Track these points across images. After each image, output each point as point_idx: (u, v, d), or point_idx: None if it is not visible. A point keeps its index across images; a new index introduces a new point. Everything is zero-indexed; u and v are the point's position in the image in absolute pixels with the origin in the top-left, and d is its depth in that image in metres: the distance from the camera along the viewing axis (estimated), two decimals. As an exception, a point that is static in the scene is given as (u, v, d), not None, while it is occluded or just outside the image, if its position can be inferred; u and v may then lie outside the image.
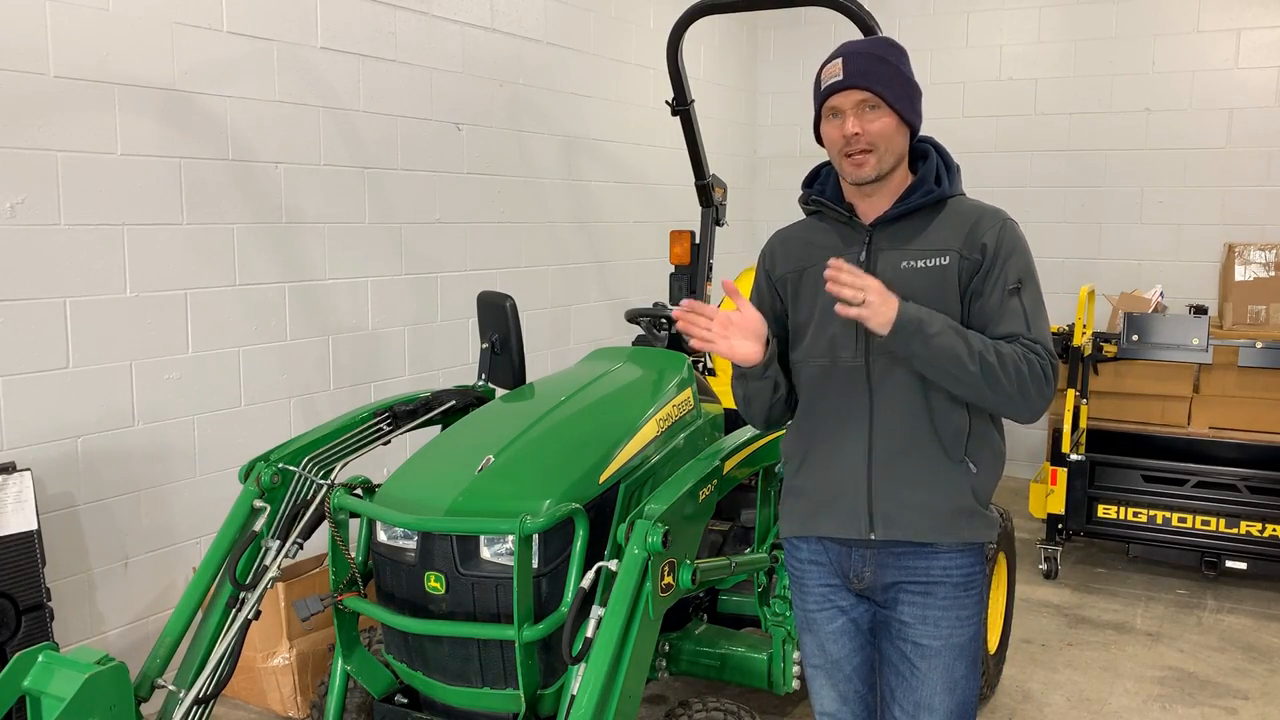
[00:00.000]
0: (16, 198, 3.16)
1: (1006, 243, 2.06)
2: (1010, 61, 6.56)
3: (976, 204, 2.14)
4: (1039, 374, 1.99)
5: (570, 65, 5.47)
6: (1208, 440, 4.93)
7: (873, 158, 2.04)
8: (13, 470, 3.04)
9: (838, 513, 2.13)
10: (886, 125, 2.04)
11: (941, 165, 2.15)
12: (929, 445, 2.08)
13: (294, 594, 3.49)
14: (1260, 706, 3.73)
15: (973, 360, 1.95)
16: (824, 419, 2.16)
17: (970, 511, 2.10)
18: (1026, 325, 2.02)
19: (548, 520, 2.33)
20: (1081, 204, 6.37)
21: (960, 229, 2.07)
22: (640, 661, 2.34)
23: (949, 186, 2.12)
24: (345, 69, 4.18)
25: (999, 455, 2.17)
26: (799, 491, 2.23)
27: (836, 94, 2.05)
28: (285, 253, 4.00)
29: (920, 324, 1.93)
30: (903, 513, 2.08)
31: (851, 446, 2.11)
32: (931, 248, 2.07)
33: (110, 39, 3.35)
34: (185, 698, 2.54)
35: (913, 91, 2.11)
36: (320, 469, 2.89)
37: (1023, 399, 1.99)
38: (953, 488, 2.08)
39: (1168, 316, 4.95)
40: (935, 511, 2.07)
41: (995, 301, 2.03)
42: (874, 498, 2.09)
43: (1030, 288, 2.06)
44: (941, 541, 2.09)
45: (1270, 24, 5.92)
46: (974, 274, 2.05)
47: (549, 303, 5.46)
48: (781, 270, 2.24)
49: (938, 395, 2.06)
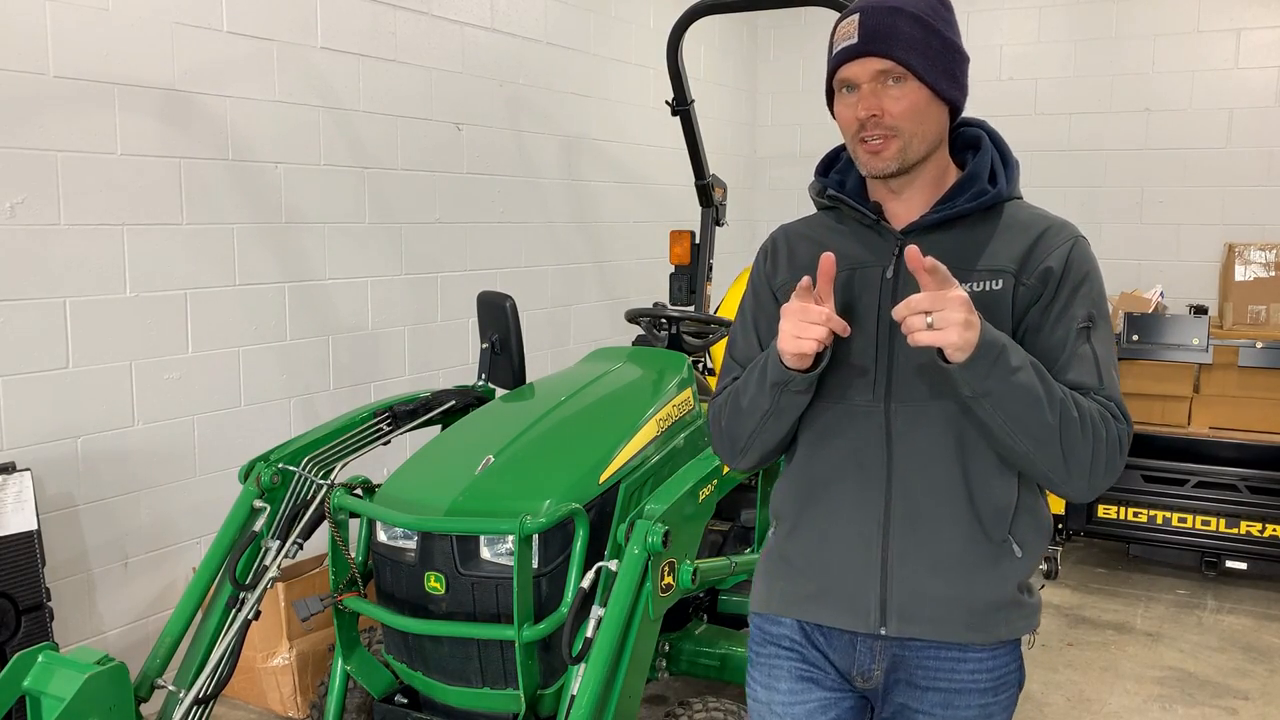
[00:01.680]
0: (16, 198, 3.16)
1: (1076, 267, 1.60)
2: (1010, 61, 6.56)
3: (1039, 213, 1.68)
4: (1115, 442, 1.55)
5: (570, 65, 5.46)
6: (1208, 440, 4.92)
7: (894, 144, 1.59)
8: (13, 470, 3.04)
9: (839, 598, 1.69)
10: (914, 102, 1.58)
11: (998, 158, 1.70)
12: (963, 520, 1.62)
13: (294, 594, 3.48)
14: (1260, 707, 3.73)
15: (1052, 410, 1.48)
16: (828, 476, 1.70)
17: (1011, 604, 1.65)
18: (1099, 378, 1.56)
19: (548, 520, 2.33)
20: (1081, 204, 6.37)
21: (1019, 245, 1.62)
22: (640, 661, 2.34)
23: (1005, 187, 1.66)
24: (345, 69, 4.18)
25: (1046, 533, 1.71)
26: (788, 561, 1.76)
27: (850, 62, 1.59)
28: (285, 253, 4.00)
29: (1003, 351, 1.46)
30: (925, 606, 1.64)
31: (862, 515, 1.66)
32: (981, 266, 1.61)
33: (110, 39, 3.35)
34: (185, 698, 2.54)
35: (954, 58, 1.62)
36: (320, 469, 2.89)
37: (1091, 471, 1.54)
38: (991, 576, 1.63)
39: (1168, 316, 4.95)
40: (968, 606, 1.63)
41: (1058, 341, 1.58)
42: (889, 584, 1.65)
43: (1103, 329, 1.60)
44: (974, 642, 1.65)
45: (1270, 24, 5.92)
46: (1031, 304, 1.60)
47: (549, 303, 5.46)
48: (785, 276, 1.76)
49: (978, 457, 1.61)
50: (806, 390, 1.61)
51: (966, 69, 1.66)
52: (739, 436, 1.73)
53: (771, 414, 1.65)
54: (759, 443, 1.71)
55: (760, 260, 1.84)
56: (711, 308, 4.77)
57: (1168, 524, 4.78)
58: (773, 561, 1.81)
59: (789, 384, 1.59)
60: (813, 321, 1.51)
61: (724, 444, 1.78)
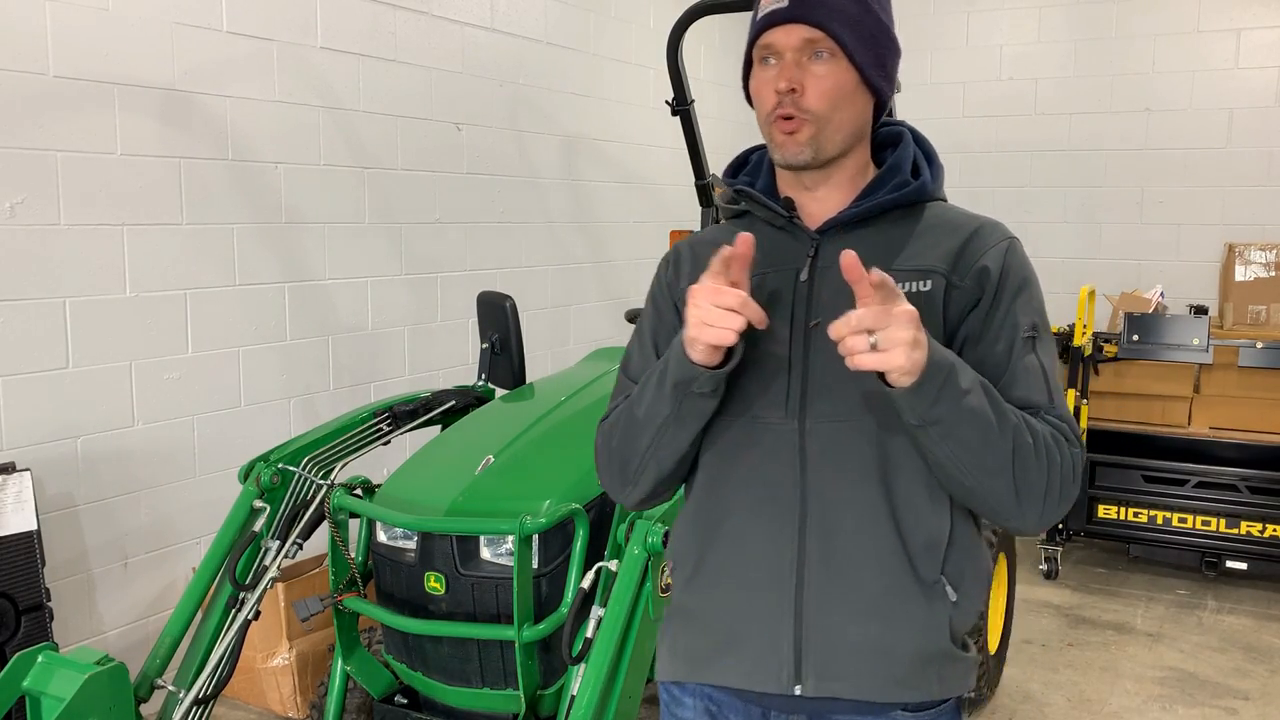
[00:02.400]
0: (16, 198, 3.16)
1: (1016, 271, 1.44)
2: (1010, 61, 6.56)
3: (967, 213, 1.52)
4: (1069, 469, 1.37)
5: (570, 65, 5.46)
6: (1208, 440, 4.92)
7: (807, 129, 1.40)
8: (13, 470, 3.04)
9: (746, 653, 1.44)
10: (839, 84, 1.40)
11: (920, 155, 1.54)
12: (890, 557, 1.40)
13: (294, 594, 3.48)
14: (1260, 707, 3.73)
15: (1004, 436, 1.31)
16: (733, 507, 1.46)
17: (944, 656, 1.44)
18: (1049, 395, 1.40)
19: (548, 520, 2.33)
20: (1081, 204, 6.36)
21: (949, 243, 1.44)
22: (640, 661, 2.34)
23: (930, 184, 1.50)
24: (345, 69, 4.18)
25: (985, 575, 1.50)
26: (688, 615, 1.51)
27: (775, 27, 1.40)
28: (285, 253, 4.00)
29: (952, 373, 1.27)
30: (847, 658, 1.41)
31: (772, 553, 1.42)
32: (908, 267, 1.43)
33: (110, 39, 3.35)
34: (185, 698, 2.54)
35: (887, 46, 1.45)
36: (320, 469, 2.89)
37: (1044, 503, 1.36)
38: (922, 622, 1.41)
39: (1168, 316, 4.94)
40: (895, 657, 1.41)
41: (1002, 352, 1.40)
42: (804, 633, 1.41)
43: (1047, 340, 1.45)
44: (903, 701, 1.44)
45: (1270, 24, 5.92)
46: (967, 309, 1.42)
47: (549, 303, 5.46)
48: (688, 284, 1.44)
49: (905, 481, 1.41)
50: (713, 393, 1.39)
51: (897, 62, 1.48)
52: (631, 457, 1.49)
53: (671, 422, 1.42)
54: (654, 463, 1.48)
55: (661, 270, 1.63)
56: (711, 308, 4.76)
57: (1168, 524, 4.78)
58: (673, 619, 1.55)
59: (694, 382, 1.36)
60: (727, 306, 1.28)
61: (613, 470, 1.54)
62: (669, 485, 1.54)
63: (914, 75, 6.47)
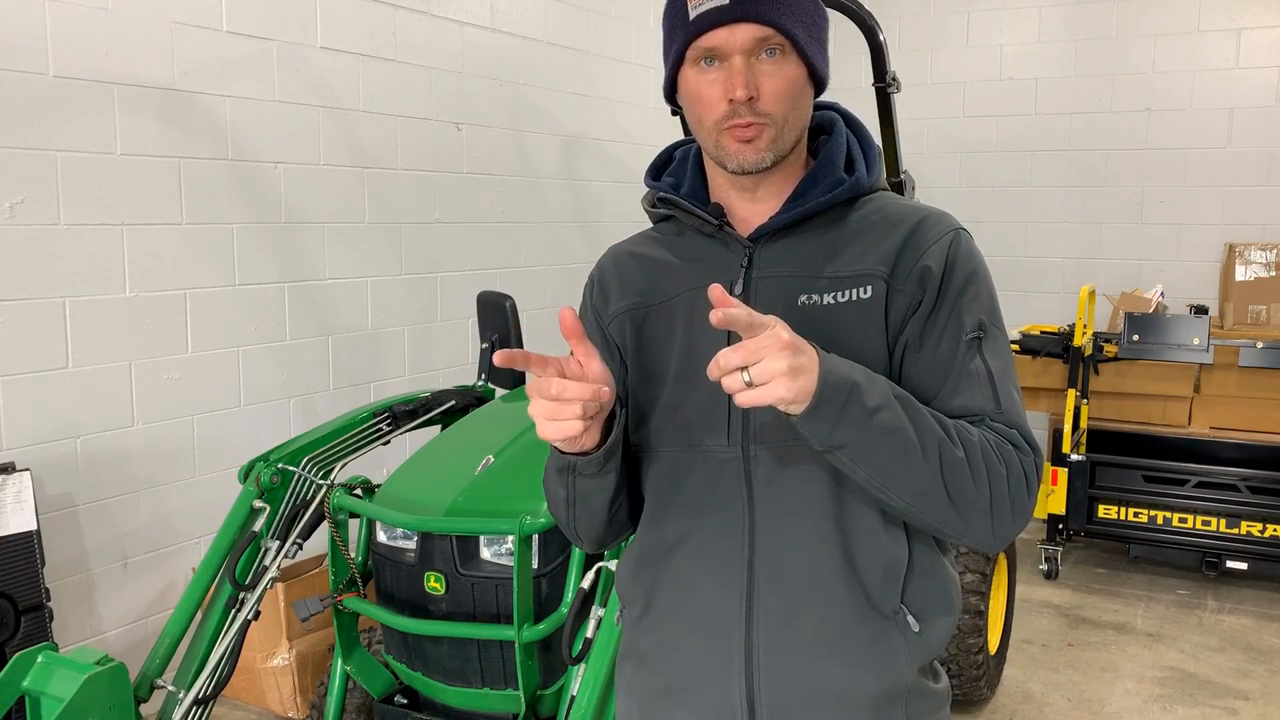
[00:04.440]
0: (16, 198, 3.16)
1: (960, 266, 1.32)
2: (1010, 61, 6.56)
3: (910, 204, 1.39)
4: (1018, 476, 1.25)
5: (570, 65, 5.46)
6: (1208, 440, 4.92)
7: (767, 133, 1.29)
8: (12, 470, 3.04)
9: (697, 699, 1.35)
10: (792, 81, 1.29)
11: (855, 143, 1.40)
12: (844, 588, 1.30)
13: (294, 594, 3.48)
14: (1261, 707, 3.73)
15: (929, 453, 1.20)
16: (678, 540, 1.37)
17: (910, 692, 1.33)
18: (995, 399, 1.28)
19: (548, 520, 2.33)
20: (1081, 204, 6.36)
21: (888, 243, 1.33)
22: (640, 662, 2.33)
23: (866, 177, 1.37)
24: (345, 69, 4.18)
25: (950, 602, 1.36)
26: (640, 657, 1.43)
27: (718, 27, 1.26)
28: (285, 253, 3.99)
29: (854, 391, 1.16)
30: (803, 704, 1.31)
31: (720, 589, 1.33)
32: (845, 272, 1.32)
33: (110, 39, 3.35)
34: (185, 698, 2.54)
35: (823, 25, 1.35)
36: (320, 469, 2.88)
37: (993, 517, 1.24)
38: (882, 658, 1.31)
39: (1168, 316, 4.95)
40: (855, 700, 1.31)
41: (943, 358, 1.29)
42: (755, 677, 1.32)
43: (996, 339, 1.32)
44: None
45: (1270, 24, 5.92)
46: (908, 314, 1.31)
47: (549, 303, 5.45)
48: (616, 307, 1.45)
49: (857, 507, 1.30)
50: (600, 472, 1.31)
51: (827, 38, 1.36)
52: (564, 522, 1.43)
53: (574, 500, 1.36)
54: (584, 527, 1.41)
55: (586, 295, 1.52)
56: (711, 308, 4.77)
57: (1168, 524, 4.78)
58: (624, 660, 1.47)
59: (575, 467, 1.30)
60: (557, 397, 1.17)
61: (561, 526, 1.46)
62: (617, 532, 1.46)
63: (914, 75, 6.47)
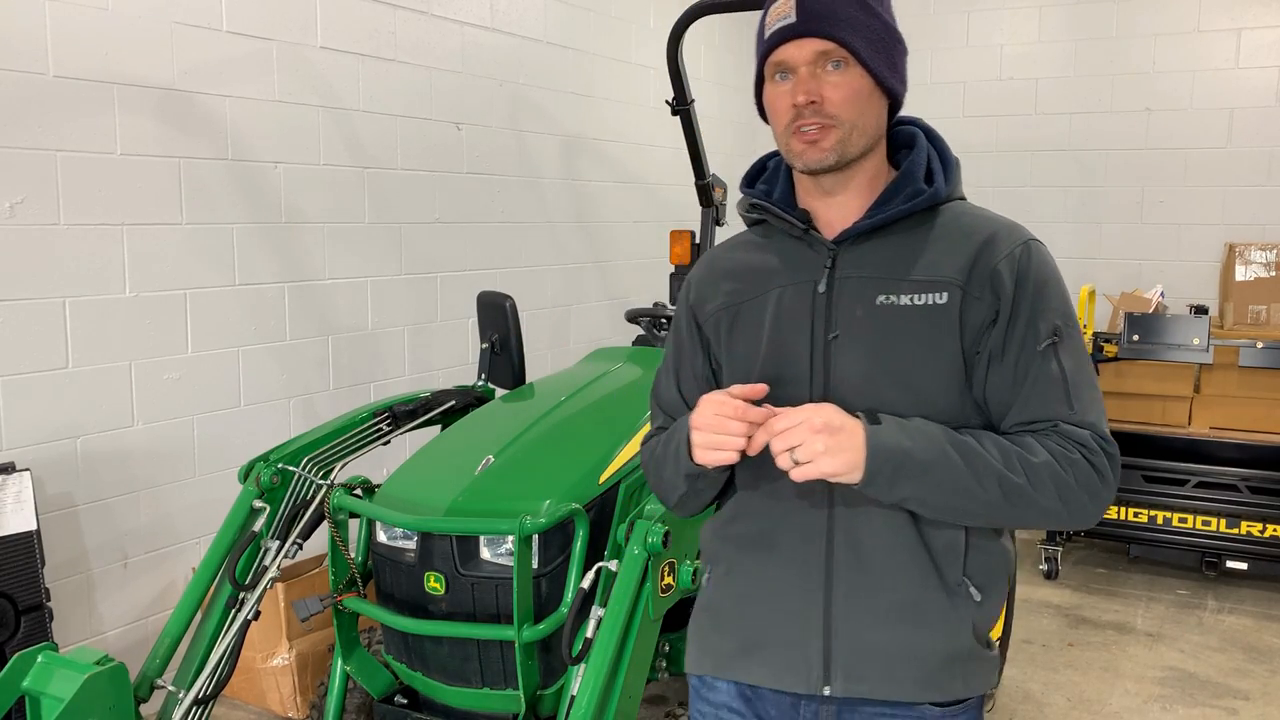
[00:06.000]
0: (16, 198, 3.16)
1: (1034, 277, 1.44)
2: (1010, 61, 6.56)
3: (984, 215, 1.52)
4: (1088, 477, 1.39)
5: (570, 65, 5.46)
6: (1208, 440, 4.92)
7: (833, 135, 1.44)
8: (12, 470, 3.03)
9: (775, 655, 1.51)
10: (856, 90, 1.44)
11: (935, 156, 1.54)
12: (914, 561, 1.46)
13: (294, 594, 3.48)
14: (1261, 707, 3.73)
15: (988, 487, 1.36)
16: (763, 518, 1.53)
17: (968, 656, 1.49)
18: (1068, 402, 1.42)
19: (548, 520, 2.33)
20: (1081, 204, 6.36)
21: (963, 252, 1.45)
22: (640, 661, 2.33)
23: (945, 187, 1.50)
24: (345, 69, 4.18)
25: (1008, 568, 1.55)
26: (718, 614, 1.59)
27: (786, 43, 1.44)
28: (285, 253, 3.99)
29: (905, 457, 1.33)
30: (874, 662, 1.46)
31: (801, 561, 1.49)
32: (924, 277, 1.45)
33: (110, 39, 3.35)
34: (185, 698, 2.54)
35: (895, 46, 1.50)
36: (320, 469, 2.88)
37: (1069, 512, 1.40)
38: (946, 625, 1.47)
39: (1168, 316, 4.94)
40: (920, 660, 1.46)
41: (1022, 367, 1.43)
42: (832, 638, 1.47)
43: (1070, 340, 1.45)
44: (929, 700, 1.48)
45: (1270, 24, 5.92)
46: (985, 323, 1.44)
47: (549, 303, 5.45)
48: (712, 307, 1.60)
49: None
50: (719, 477, 1.52)
51: (905, 60, 1.53)
52: (668, 497, 1.62)
53: (689, 494, 1.56)
54: (687, 508, 1.61)
55: (684, 295, 1.67)
56: (711, 308, 4.76)
57: (1168, 524, 4.78)
58: (704, 612, 1.64)
59: (702, 476, 1.50)
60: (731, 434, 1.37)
61: (658, 494, 1.66)
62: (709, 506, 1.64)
63: (914, 75, 6.38)
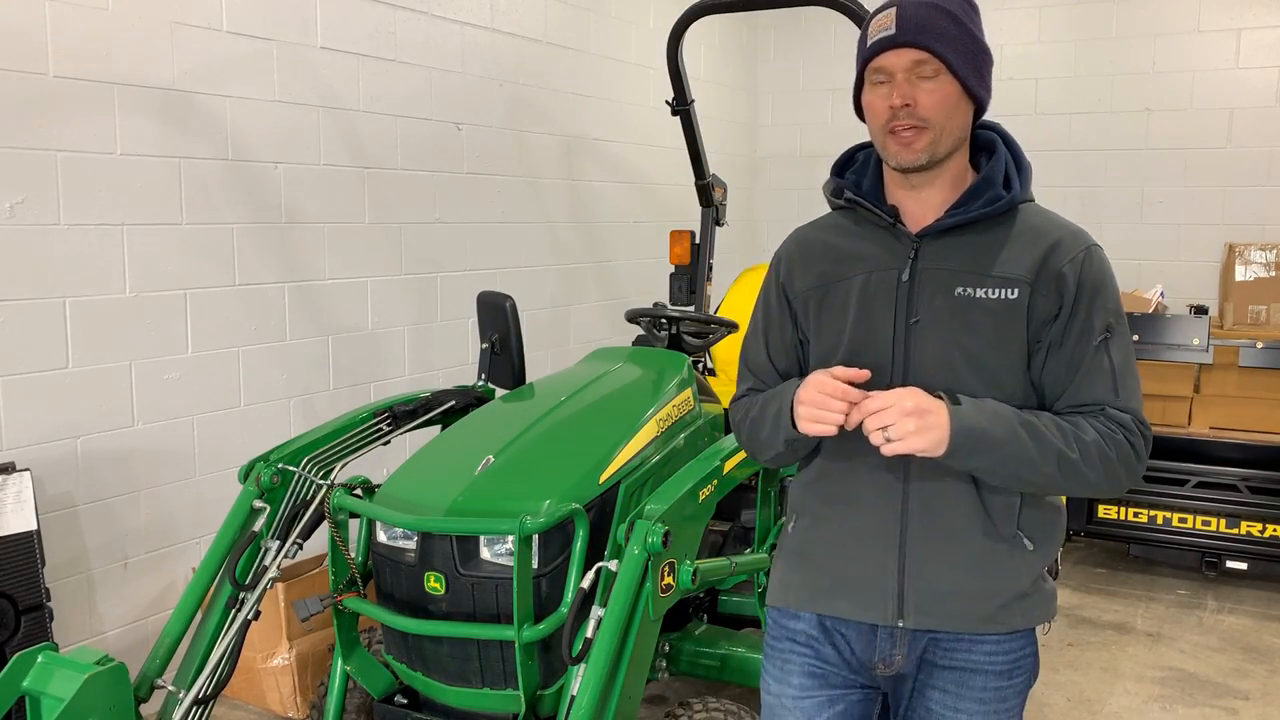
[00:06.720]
0: (16, 198, 3.16)
1: (1092, 278, 1.67)
2: (1010, 61, 6.55)
3: (1052, 218, 1.74)
4: (1127, 455, 1.65)
5: (570, 65, 5.46)
6: (1208, 440, 4.92)
7: (925, 137, 1.64)
8: (12, 470, 3.04)
9: (857, 592, 1.77)
10: (946, 96, 1.64)
11: (1011, 162, 1.74)
12: (975, 517, 1.71)
13: (294, 594, 3.48)
14: (1260, 707, 3.73)
15: (1048, 462, 1.61)
16: (847, 480, 1.78)
17: (1024, 594, 1.74)
18: (1115, 389, 1.66)
19: (548, 520, 2.33)
20: (1081, 204, 6.36)
21: (1033, 253, 1.67)
22: (640, 662, 2.34)
23: (1020, 191, 1.71)
24: (345, 69, 4.18)
25: (1058, 518, 1.82)
26: (804, 556, 1.85)
27: (885, 52, 1.65)
28: (285, 253, 3.99)
29: (983, 435, 1.58)
30: (942, 600, 1.73)
31: (881, 512, 1.74)
32: (999, 273, 1.67)
33: (110, 39, 3.35)
34: (185, 698, 2.54)
35: (982, 57, 1.69)
36: (320, 469, 2.88)
37: (1109, 483, 1.66)
38: (1004, 571, 1.73)
39: (1168, 316, 4.95)
40: (981, 600, 1.72)
41: (1078, 357, 1.67)
42: (906, 580, 1.73)
43: (1120, 336, 1.69)
44: (989, 632, 1.75)
45: (1270, 24, 5.91)
46: (1049, 317, 1.66)
47: (549, 303, 5.45)
48: (802, 285, 1.82)
49: None
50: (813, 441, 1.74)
51: (991, 70, 1.72)
52: (759, 454, 1.85)
53: (785, 454, 1.79)
54: (779, 462, 1.85)
55: (774, 268, 1.90)
56: (711, 308, 4.77)
57: (1168, 524, 4.78)
58: (790, 556, 1.88)
59: (799, 441, 1.73)
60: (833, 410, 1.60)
61: (748, 450, 1.89)
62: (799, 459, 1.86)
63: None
